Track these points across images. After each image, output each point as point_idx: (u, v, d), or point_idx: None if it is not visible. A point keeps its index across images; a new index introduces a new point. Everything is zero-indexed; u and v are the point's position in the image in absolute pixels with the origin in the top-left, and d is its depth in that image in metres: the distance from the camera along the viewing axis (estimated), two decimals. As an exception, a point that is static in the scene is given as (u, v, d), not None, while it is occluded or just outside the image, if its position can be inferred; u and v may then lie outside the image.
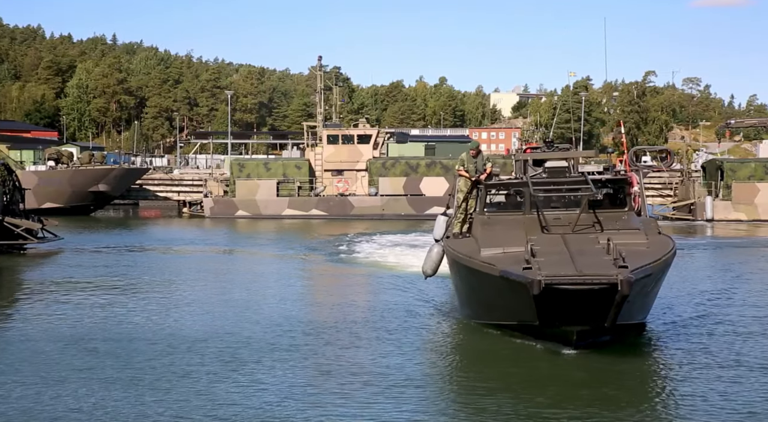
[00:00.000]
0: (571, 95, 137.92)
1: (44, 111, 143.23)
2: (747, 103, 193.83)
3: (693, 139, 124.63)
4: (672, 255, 15.35)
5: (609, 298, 13.09)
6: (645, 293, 14.89)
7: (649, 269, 13.89)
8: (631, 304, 14.04)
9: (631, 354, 14.58)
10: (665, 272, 15.45)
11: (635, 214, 17.16)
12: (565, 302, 13.33)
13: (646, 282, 14.13)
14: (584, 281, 13.03)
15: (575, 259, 13.90)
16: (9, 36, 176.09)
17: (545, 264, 13.67)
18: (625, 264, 13.29)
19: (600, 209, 16.36)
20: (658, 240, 15.86)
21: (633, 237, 15.45)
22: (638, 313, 15.40)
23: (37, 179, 58.84)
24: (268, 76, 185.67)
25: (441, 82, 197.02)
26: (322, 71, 69.33)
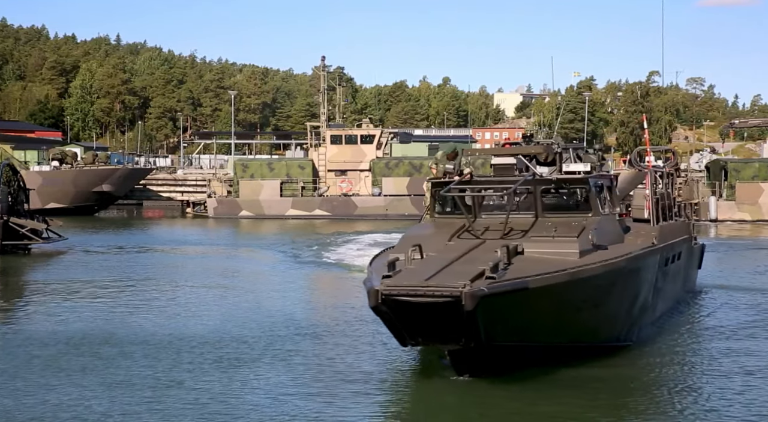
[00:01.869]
0: (575, 95, 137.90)
1: (48, 111, 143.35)
2: (751, 103, 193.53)
3: (697, 139, 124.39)
4: (609, 271, 13.42)
5: (456, 313, 11.48)
6: (577, 309, 13.29)
7: (519, 284, 11.92)
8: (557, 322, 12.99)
9: (525, 380, 12.85)
10: (582, 287, 13.10)
11: (609, 218, 15.48)
12: (409, 315, 11.88)
13: (523, 298, 12.09)
14: (425, 293, 11.51)
15: (444, 268, 12.33)
16: (13, 36, 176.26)
17: (406, 274, 12.25)
18: (493, 276, 11.74)
19: (560, 212, 15.13)
20: (603, 253, 13.89)
21: (558, 246, 13.70)
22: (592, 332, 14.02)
23: (41, 179, 58.91)
24: (272, 76, 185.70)
25: (444, 82, 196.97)
26: (325, 71, 69.34)
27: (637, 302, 15.31)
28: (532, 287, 12.15)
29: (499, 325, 12.20)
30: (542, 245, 13.76)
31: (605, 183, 16.01)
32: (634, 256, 14.47)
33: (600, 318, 14.16)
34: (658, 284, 16.74)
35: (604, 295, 13.79)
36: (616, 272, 13.79)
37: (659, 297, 17.10)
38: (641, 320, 15.93)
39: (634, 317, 15.39)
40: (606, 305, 14.06)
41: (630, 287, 14.78)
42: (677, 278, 19.35)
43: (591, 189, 15.15)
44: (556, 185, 15.23)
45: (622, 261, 13.92)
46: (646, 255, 15.30)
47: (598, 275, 13.31)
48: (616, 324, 14.74)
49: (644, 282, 15.53)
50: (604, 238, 14.52)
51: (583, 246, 13.81)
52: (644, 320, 16.21)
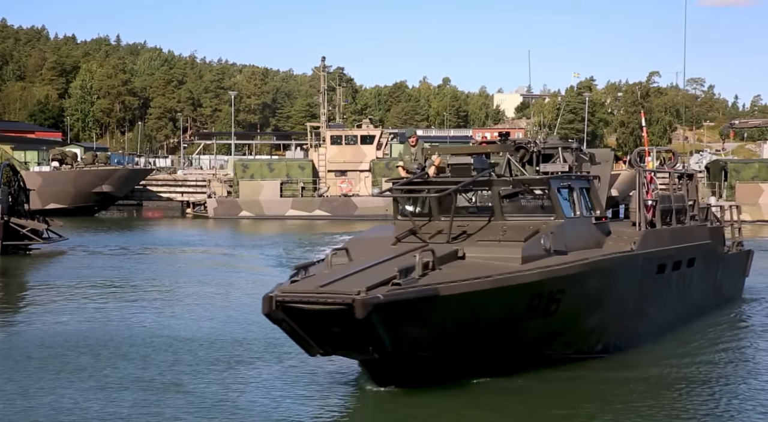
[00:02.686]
0: (575, 96, 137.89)
1: (48, 112, 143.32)
2: (751, 103, 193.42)
3: (697, 139, 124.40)
4: (553, 278, 12.73)
5: (351, 321, 10.89)
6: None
7: (427, 291, 11.28)
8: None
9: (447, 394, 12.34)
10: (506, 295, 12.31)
11: (576, 221, 14.44)
12: (306, 323, 11.39)
13: (435, 306, 11.49)
14: (317, 300, 11.02)
15: (353, 274, 11.81)
16: (13, 37, 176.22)
17: (309, 279, 11.87)
18: (399, 282, 11.19)
19: (523, 214, 14.30)
20: (557, 259, 13.15)
21: (501, 251, 12.91)
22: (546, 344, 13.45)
23: (42, 179, 58.93)
24: (272, 76, 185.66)
25: (444, 82, 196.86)
26: (325, 72, 69.38)
27: (606, 312, 14.33)
28: (443, 294, 11.46)
29: (411, 335, 11.60)
30: (485, 249, 13.04)
31: (578, 185, 14.87)
32: (590, 262, 13.52)
33: (551, 327, 13.31)
34: (649, 292, 15.88)
35: (551, 304, 12.92)
36: (563, 279, 12.91)
37: (655, 306, 16.26)
38: (618, 330, 14.96)
39: (604, 327, 14.48)
40: (559, 314, 13.14)
41: (590, 295, 13.79)
42: (693, 286, 18.28)
43: (553, 191, 14.10)
44: (514, 186, 14.26)
45: (572, 268, 13.11)
46: (614, 261, 14.33)
47: (534, 282, 12.51)
48: (574, 334, 13.92)
49: (615, 290, 14.54)
50: (565, 243, 13.66)
51: (530, 252, 12.94)
52: (629, 330, 15.31)
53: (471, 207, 14.78)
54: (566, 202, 14.43)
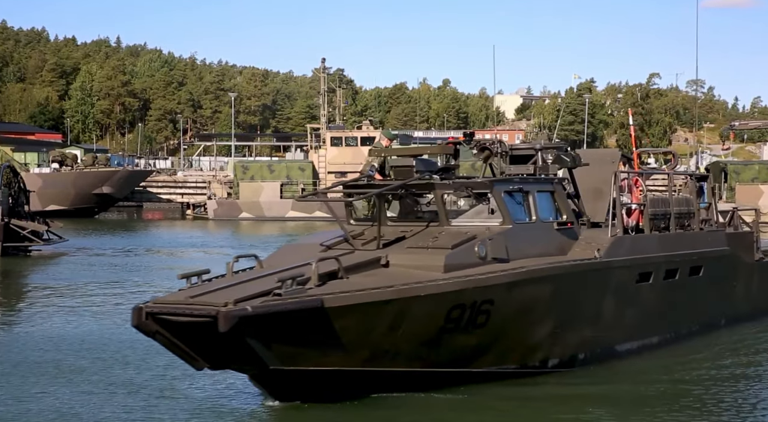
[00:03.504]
0: (575, 97, 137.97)
1: (48, 113, 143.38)
2: (751, 105, 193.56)
3: (697, 141, 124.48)
4: (476, 287, 11.98)
5: (218, 333, 10.26)
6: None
7: (309, 303, 10.63)
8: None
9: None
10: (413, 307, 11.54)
11: (527, 227, 13.55)
12: (182, 335, 10.79)
13: (324, 318, 10.82)
14: (183, 312, 10.52)
15: (238, 283, 11.37)
16: (13, 38, 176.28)
17: (201, 287, 11.31)
18: (279, 293, 10.63)
19: (467, 219, 13.52)
20: (492, 267, 12.40)
21: (424, 259, 12.19)
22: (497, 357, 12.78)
23: (42, 181, 58.98)
24: (272, 78, 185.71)
25: (445, 84, 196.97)
26: (325, 73, 69.43)
27: (558, 324, 13.45)
28: (329, 306, 10.77)
29: (296, 348, 10.96)
30: (411, 257, 12.30)
31: (536, 188, 13.87)
32: (525, 271, 12.66)
33: (483, 341, 12.45)
34: (626, 302, 14.83)
35: (478, 315, 12.10)
36: (489, 289, 12.13)
37: (638, 318, 15.16)
38: (581, 343, 14.07)
39: (557, 340, 13.55)
40: (490, 327, 12.32)
41: (530, 306, 12.90)
42: (700, 296, 17.02)
43: (497, 195, 13.19)
44: (456, 189, 13.39)
45: (500, 277, 12.30)
46: (563, 269, 13.36)
47: (450, 292, 11.72)
48: (514, 348, 13.05)
49: (568, 300, 13.55)
50: (512, 250, 12.83)
51: (456, 259, 12.12)
52: (599, 343, 14.40)
53: (420, 212, 13.95)
54: (519, 206, 13.55)
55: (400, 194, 13.69)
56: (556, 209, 14.23)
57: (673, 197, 16.87)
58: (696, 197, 17.70)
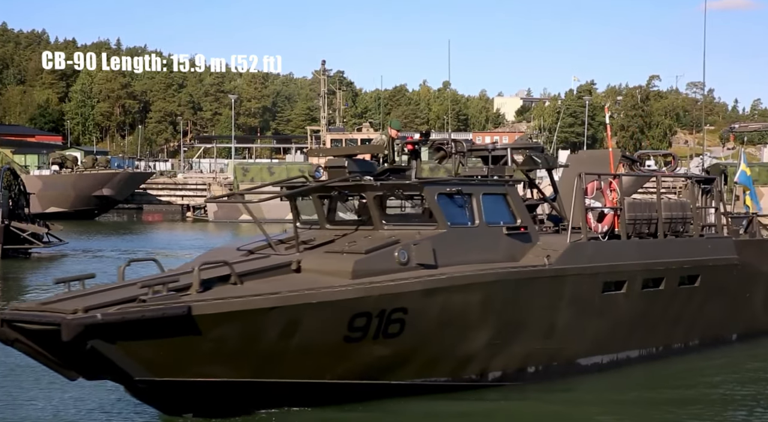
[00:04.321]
0: (575, 99, 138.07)
1: (48, 116, 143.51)
2: (751, 107, 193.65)
3: (697, 143, 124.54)
4: (381, 295, 11.24)
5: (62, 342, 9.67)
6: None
7: (174, 310, 10.00)
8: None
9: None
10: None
11: (465, 231, 12.73)
12: (44, 344, 10.13)
13: (193, 326, 10.19)
14: (32, 319, 9.91)
15: (106, 290, 10.93)
16: (14, 41, 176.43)
17: (71, 293, 10.77)
18: (144, 299, 10.15)
19: (405, 223, 12.88)
20: (411, 274, 11.67)
21: (335, 264, 11.60)
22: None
23: (42, 183, 59.06)
24: (272, 80, 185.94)
25: (445, 86, 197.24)
26: (325, 75, 69.51)
27: (495, 335, 12.54)
28: (199, 313, 10.14)
29: (168, 358, 10.32)
30: (323, 261, 11.71)
31: (482, 190, 13.07)
32: (445, 278, 11.86)
33: (400, 351, 11.69)
34: (589, 313, 13.78)
35: (389, 324, 11.42)
36: (399, 296, 11.37)
37: (607, 329, 14.11)
38: (529, 356, 13.15)
39: (495, 352, 12.68)
40: (406, 337, 11.59)
41: (457, 316, 12.03)
42: (697, 308, 15.83)
43: (430, 197, 12.46)
44: (388, 191, 12.70)
45: (413, 284, 11.52)
46: (496, 276, 12.44)
47: (348, 300, 11.03)
48: (440, 359, 12.22)
49: (507, 310, 12.65)
50: (445, 255, 12.06)
51: (367, 265, 11.43)
52: (556, 356, 13.47)
53: (367, 215, 13.18)
54: (459, 209, 12.77)
55: (332, 195, 13.26)
56: (510, 212, 13.38)
57: (663, 201, 15.71)
58: (704, 201, 16.78)
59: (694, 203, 16.40)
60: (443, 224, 12.48)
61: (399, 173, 13.16)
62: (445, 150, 14.40)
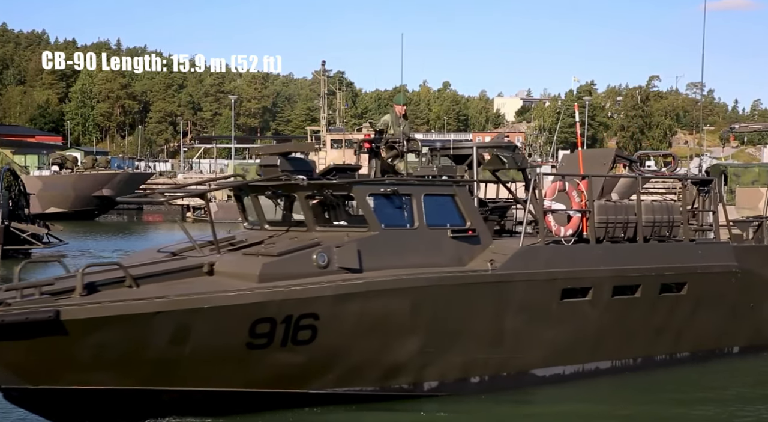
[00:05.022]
0: (575, 100, 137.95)
1: (48, 116, 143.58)
2: (751, 108, 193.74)
3: (697, 143, 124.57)
4: (283, 300, 10.71)
5: None
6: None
7: (41, 314, 9.56)
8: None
9: None
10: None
11: (399, 234, 12.06)
12: None
13: (62, 331, 9.74)
14: None
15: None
16: (14, 41, 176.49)
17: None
18: (9, 303, 9.76)
19: (338, 225, 12.36)
20: (320, 279, 11.07)
21: (244, 267, 11.07)
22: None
23: (42, 183, 59.08)
24: (272, 80, 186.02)
25: (444, 86, 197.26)
26: (325, 76, 69.50)
27: (429, 342, 11.89)
28: (69, 318, 9.67)
29: (41, 365, 9.90)
30: (235, 264, 11.20)
31: (423, 191, 12.38)
32: (365, 283, 11.25)
33: (313, 359, 11.15)
34: (551, 321, 12.99)
35: (297, 331, 10.90)
36: (307, 302, 10.85)
37: (571, 340, 13.29)
38: (471, 365, 12.45)
39: (430, 361, 12.03)
40: (320, 343, 11.06)
41: (380, 322, 11.41)
42: (683, 318, 14.75)
43: (361, 198, 11.93)
44: (318, 192, 12.10)
45: (324, 289, 10.98)
46: (429, 282, 11.73)
47: (245, 305, 10.50)
48: (363, 367, 11.60)
49: (450, 318, 12.04)
50: (365, 259, 11.43)
51: (279, 268, 10.91)
52: (505, 366, 12.72)
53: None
54: (396, 210, 12.13)
55: (266, 195, 12.77)
56: (458, 214, 12.65)
57: (646, 203, 14.67)
58: (701, 203, 15.95)
59: (684, 205, 15.42)
60: (375, 225, 11.88)
61: (346, 172, 12.55)
62: (397, 149, 13.90)
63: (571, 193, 13.86)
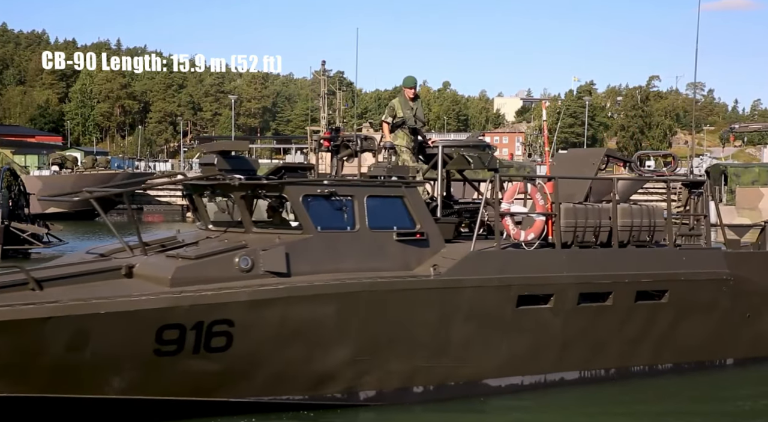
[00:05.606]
0: (575, 100, 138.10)
1: (48, 116, 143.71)
2: (751, 108, 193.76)
3: (697, 143, 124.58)
4: (192, 305, 10.29)
5: None
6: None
7: None
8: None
9: None
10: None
11: (334, 236, 11.55)
12: None
13: None
14: None
15: None
16: (14, 41, 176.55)
17: None
18: None
19: (275, 227, 11.97)
20: (241, 283, 10.67)
21: (158, 270, 10.73)
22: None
23: (42, 183, 59.05)
24: (272, 80, 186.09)
25: (444, 86, 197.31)
26: (325, 76, 69.47)
27: (362, 350, 11.41)
28: None
29: None
30: (153, 266, 10.81)
31: (368, 193, 11.90)
32: (285, 288, 10.76)
33: (230, 367, 10.74)
34: (506, 330, 12.36)
35: (210, 337, 10.50)
36: (220, 307, 10.43)
37: (531, 349, 12.67)
38: (413, 374, 11.90)
39: (367, 369, 11.55)
40: (237, 351, 10.65)
41: (304, 329, 10.96)
42: (665, 328, 13.89)
43: (294, 199, 11.43)
44: (252, 192, 11.67)
45: (239, 294, 10.51)
46: (361, 287, 11.21)
47: (148, 310, 10.10)
48: (287, 375, 11.19)
49: (388, 325, 11.47)
50: (295, 262, 11.00)
51: (195, 272, 10.52)
52: (453, 375, 12.17)
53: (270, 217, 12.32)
54: (335, 212, 11.61)
55: (204, 194, 12.51)
56: (408, 217, 12.12)
57: (623, 206, 13.76)
58: (692, 206, 15.22)
59: (669, 209, 14.44)
60: (309, 228, 11.39)
61: (296, 172, 12.08)
62: (350, 147, 13.29)
63: (535, 195, 13.14)
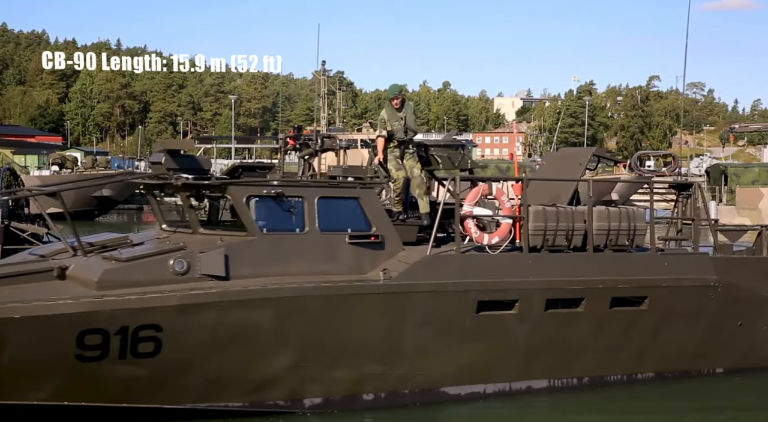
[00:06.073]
0: (575, 100, 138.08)
1: (48, 116, 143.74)
2: (751, 108, 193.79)
3: (697, 144, 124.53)
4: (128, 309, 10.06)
5: None
6: None
7: None
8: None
9: None
10: None
11: (280, 238, 11.20)
12: None
13: None
14: None
15: None
16: (14, 41, 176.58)
17: None
18: None
19: (221, 229, 11.79)
20: (175, 287, 10.37)
21: (89, 271, 10.46)
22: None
23: (41, 183, 58.93)
24: (272, 80, 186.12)
25: (444, 86, 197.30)
26: (325, 76, 69.50)
27: (318, 357, 11.10)
28: None
29: None
30: (85, 268, 10.52)
31: (320, 194, 11.52)
32: (217, 293, 10.41)
33: (159, 373, 10.42)
34: (465, 336, 11.85)
35: (137, 342, 10.21)
36: (147, 312, 10.10)
37: (493, 356, 12.17)
38: (371, 381, 11.54)
39: (311, 375, 11.17)
40: (166, 356, 10.34)
41: (252, 335, 10.67)
42: (645, 335, 13.28)
43: (236, 200, 11.09)
44: (196, 193, 11.53)
45: (167, 299, 10.21)
46: (302, 293, 10.83)
47: (68, 315, 9.82)
48: (225, 382, 10.84)
49: (333, 331, 11.10)
50: (235, 265, 10.67)
51: (125, 275, 10.25)
52: (413, 383, 11.75)
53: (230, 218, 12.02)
54: (282, 214, 11.24)
55: (154, 194, 12.25)
56: (363, 219, 11.72)
57: (599, 209, 13.11)
58: (680, 209, 14.64)
59: (651, 212, 13.69)
60: (253, 230, 11.05)
61: (254, 171, 11.84)
62: (311, 146, 13.14)
63: (500, 197, 12.59)
